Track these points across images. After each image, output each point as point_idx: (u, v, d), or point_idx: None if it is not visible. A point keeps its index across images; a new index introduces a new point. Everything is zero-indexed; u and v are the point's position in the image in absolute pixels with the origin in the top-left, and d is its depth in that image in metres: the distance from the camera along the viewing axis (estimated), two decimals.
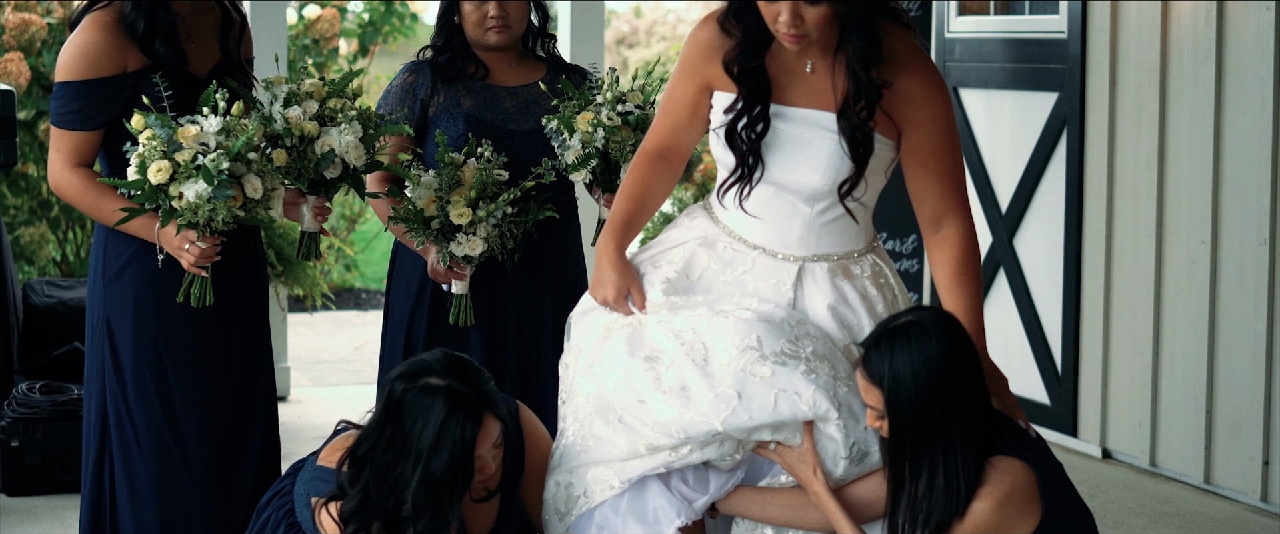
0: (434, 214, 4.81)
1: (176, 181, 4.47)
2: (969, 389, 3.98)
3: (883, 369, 3.98)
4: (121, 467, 4.72)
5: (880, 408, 4.00)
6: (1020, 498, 3.97)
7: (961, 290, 4.32)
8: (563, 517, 4.29)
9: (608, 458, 4.22)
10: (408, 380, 4.06)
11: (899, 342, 3.98)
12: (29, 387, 7.16)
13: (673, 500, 4.21)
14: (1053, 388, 7.99)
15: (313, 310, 9.54)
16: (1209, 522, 6.81)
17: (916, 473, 3.99)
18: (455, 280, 4.90)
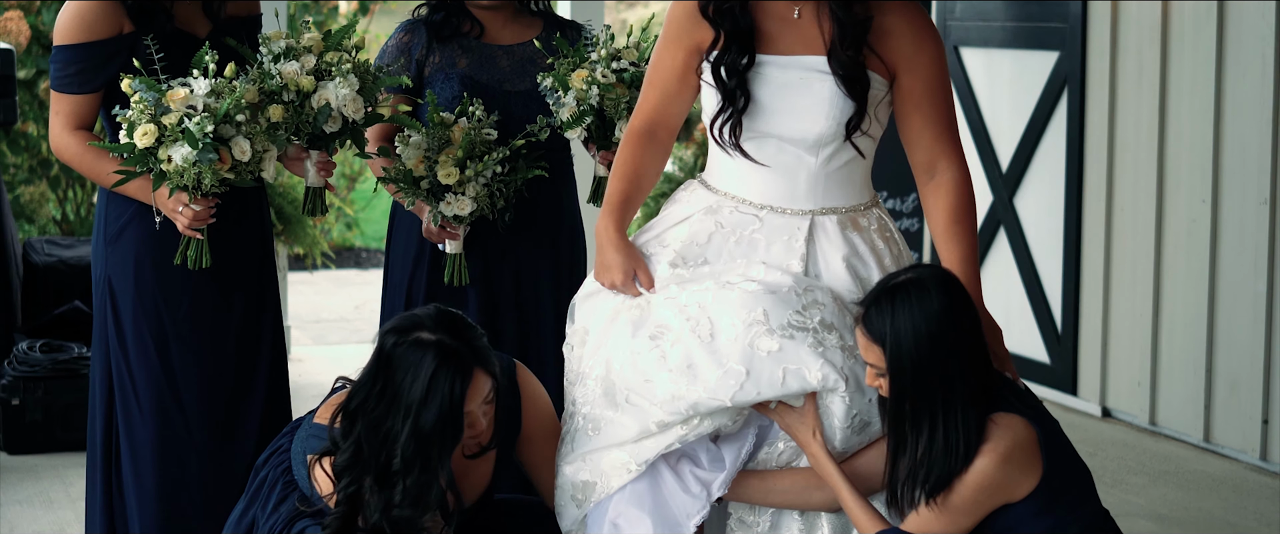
0: (423, 174, 4.80)
1: (164, 145, 4.47)
2: (969, 346, 3.98)
3: (883, 327, 3.98)
4: (123, 425, 4.73)
5: (881, 366, 4.00)
6: (1022, 454, 3.97)
7: (956, 238, 4.32)
8: (580, 504, 4.27)
9: (619, 441, 4.20)
10: (399, 334, 4.07)
11: (900, 299, 3.98)
12: (30, 345, 7.17)
13: (689, 498, 4.19)
14: (1052, 347, 8.00)
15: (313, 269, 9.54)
16: (1208, 480, 6.83)
17: (917, 431, 3.99)
18: (449, 240, 4.89)
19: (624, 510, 4.19)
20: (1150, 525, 6.28)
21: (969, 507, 3.97)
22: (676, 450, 4.20)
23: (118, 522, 4.77)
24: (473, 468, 4.29)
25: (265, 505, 4.24)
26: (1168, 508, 6.50)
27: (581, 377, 4.34)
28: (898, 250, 4.41)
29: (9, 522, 6.22)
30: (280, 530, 4.15)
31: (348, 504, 4.02)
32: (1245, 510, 6.45)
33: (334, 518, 4.03)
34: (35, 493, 6.54)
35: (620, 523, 4.19)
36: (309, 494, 4.17)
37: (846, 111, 4.23)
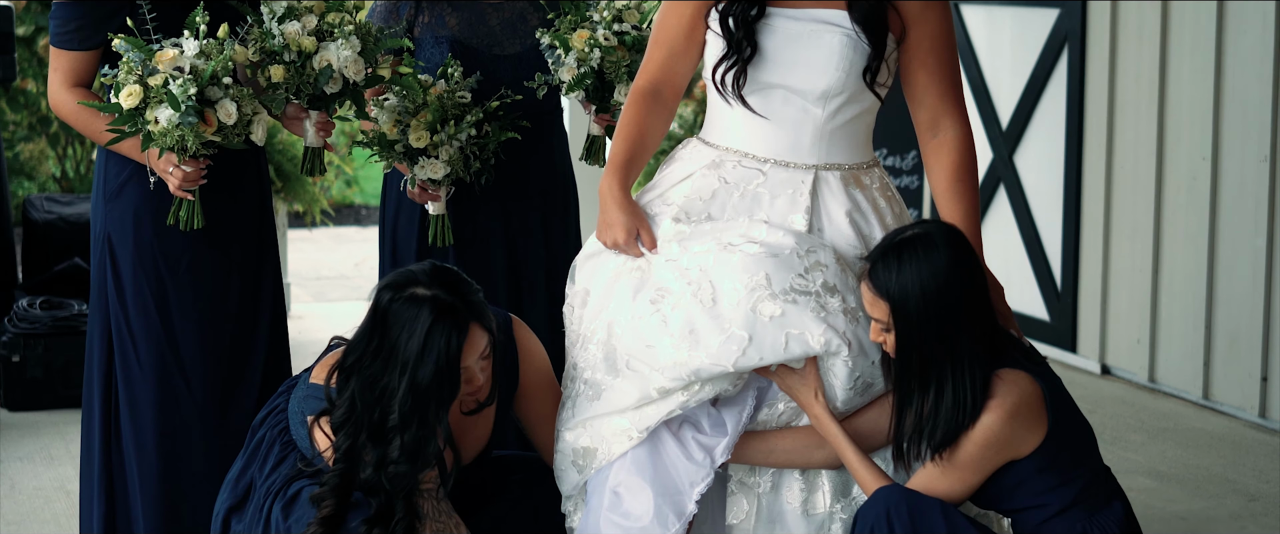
0: (396, 137, 4.78)
1: (150, 107, 4.46)
2: (976, 302, 3.99)
3: (890, 282, 3.98)
4: (122, 382, 4.73)
5: (886, 321, 4.00)
6: (1028, 410, 3.98)
7: (959, 196, 4.32)
8: (581, 469, 4.27)
9: (620, 407, 4.20)
10: (394, 290, 4.07)
11: (907, 255, 3.98)
12: (30, 302, 7.18)
13: (692, 466, 4.19)
14: (1052, 304, 8.00)
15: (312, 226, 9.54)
16: (1207, 437, 6.84)
17: (924, 387, 3.99)
18: (431, 201, 4.88)
19: (625, 480, 4.19)
20: (1149, 482, 6.29)
21: (975, 463, 3.98)
22: (678, 416, 4.20)
23: (116, 479, 4.77)
24: (471, 425, 4.30)
25: (263, 465, 4.24)
26: (1167, 465, 6.51)
27: (583, 340, 4.34)
28: (899, 209, 4.41)
29: (10, 478, 6.23)
30: (278, 490, 4.15)
31: (345, 462, 4.03)
32: (1244, 467, 6.46)
33: (331, 476, 4.04)
34: (36, 449, 6.56)
35: (621, 492, 4.19)
36: (308, 454, 4.17)
37: (857, 65, 4.23)
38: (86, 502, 4.83)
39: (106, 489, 4.77)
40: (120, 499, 4.77)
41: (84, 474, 4.84)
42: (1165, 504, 6.05)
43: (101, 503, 4.77)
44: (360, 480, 4.03)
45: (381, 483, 4.01)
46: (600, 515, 4.19)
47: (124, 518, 4.77)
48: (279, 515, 4.11)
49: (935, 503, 3.97)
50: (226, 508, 4.27)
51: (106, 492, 4.77)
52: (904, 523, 3.94)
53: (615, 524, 4.16)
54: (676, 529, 4.15)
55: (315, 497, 4.04)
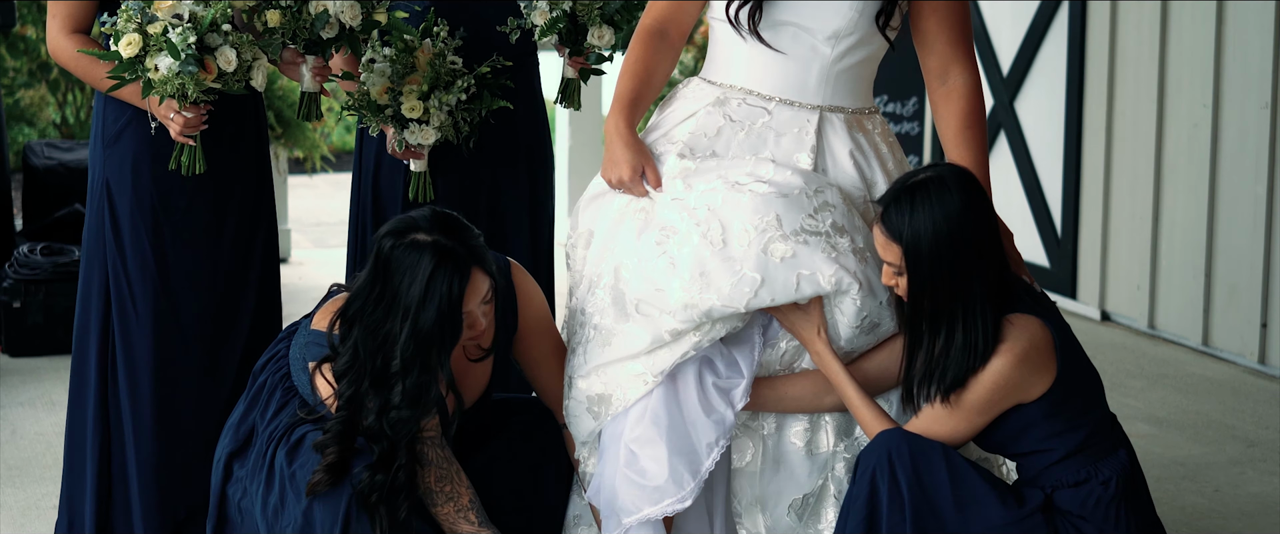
0: (386, 102, 4.75)
1: (149, 55, 4.46)
2: (988, 246, 3.98)
3: (902, 225, 3.97)
4: (118, 326, 4.73)
5: (899, 264, 3.99)
6: (1038, 355, 3.98)
7: (968, 144, 4.32)
8: (596, 416, 4.25)
9: (634, 352, 4.18)
10: (395, 237, 4.07)
11: (920, 197, 3.97)
12: (30, 248, 7.19)
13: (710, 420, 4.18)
14: (1052, 250, 8.01)
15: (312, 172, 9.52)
16: (1207, 383, 6.85)
17: (935, 330, 4.00)
18: (413, 159, 4.87)
19: (642, 435, 4.17)
20: (1148, 428, 6.30)
21: (982, 406, 3.98)
22: (694, 360, 4.19)
23: (113, 425, 4.77)
24: (471, 369, 4.30)
25: (264, 411, 4.25)
26: (1166, 411, 6.53)
27: (589, 283, 4.33)
28: (898, 156, 4.41)
29: (11, 423, 6.25)
30: (281, 436, 4.16)
31: (348, 409, 4.03)
32: (1243, 413, 6.47)
33: (335, 423, 4.04)
34: (37, 395, 6.57)
35: (637, 449, 4.17)
36: (309, 400, 4.18)
37: (871, 6, 4.22)
38: (77, 447, 4.82)
39: (101, 435, 4.77)
40: (116, 445, 4.76)
41: (75, 420, 4.83)
42: (1164, 450, 6.07)
43: (96, 448, 4.76)
44: (363, 427, 4.04)
45: (384, 429, 4.01)
46: (616, 472, 4.19)
47: (119, 463, 4.77)
48: (283, 460, 4.12)
49: (937, 446, 3.98)
50: (228, 453, 4.28)
51: (101, 437, 4.77)
52: (906, 465, 3.95)
53: (631, 482, 4.16)
54: (692, 488, 4.15)
55: (319, 444, 4.05)
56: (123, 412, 4.74)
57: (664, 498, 4.14)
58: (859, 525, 3.98)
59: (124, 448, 4.76)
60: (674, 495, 4.14)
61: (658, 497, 4.14)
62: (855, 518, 3.98)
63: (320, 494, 4.04)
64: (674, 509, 4.15)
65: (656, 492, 4.14)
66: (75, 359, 4.82)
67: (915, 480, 3.94)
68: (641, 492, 4.14)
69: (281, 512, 4.10)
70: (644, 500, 4.15)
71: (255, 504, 4.17)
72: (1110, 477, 4.01)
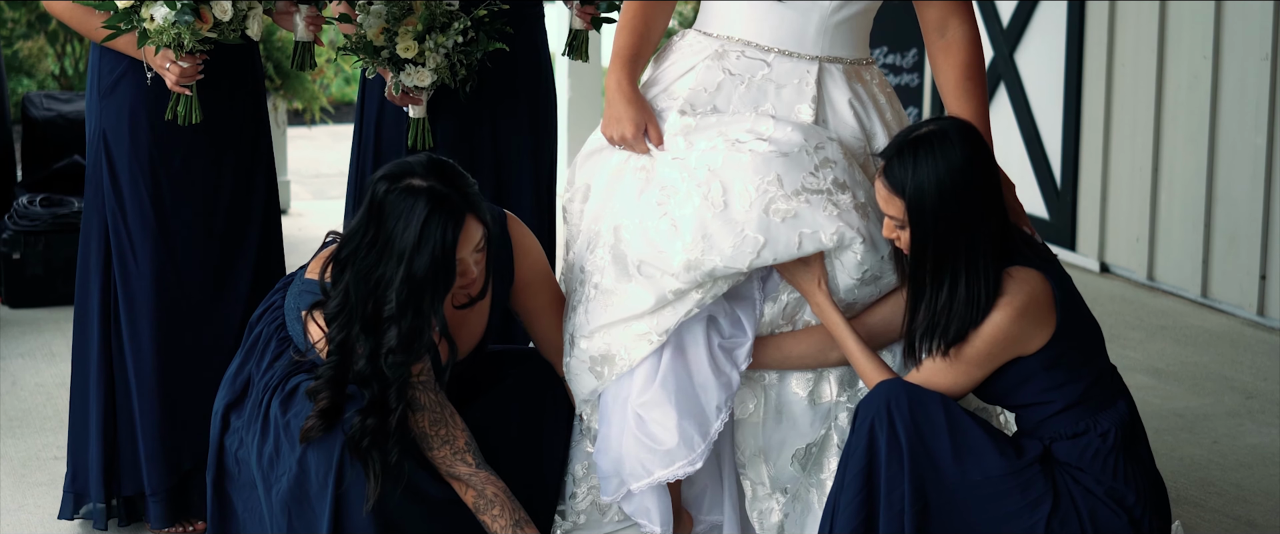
0: (383, 44, 4.74)
1: (145, 4, 4.45)
2: (990, 199, 3.98)
3: (905, 178, 3.96)
4: (119, 278, 4.73)
5: (901, 217, 3.99)
6: (1038, 308, 3.99)
7: (968, 96, 4.31)
8: (600, 376, 4.25)
9: (637, 312, 4.18)
10: (390, 181, 4.06)
11: (923, 151, 3.97)
12: (30, 199, 7.18)
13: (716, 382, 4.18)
14: (1052, 202, 8.00)
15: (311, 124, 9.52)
16: (1206, 335, 6.85)
17: (938, 283, 3.99)
18: (412, 105, 4.86)
19: (649, 400, 4.16)
20: (1147, 380, 6.31)
21: (981, 359, 3.99)
22: (700, 321, 4.19)
23: (116, 376, 4.78)
24: (466, 319, 4.30)
25: (260, 362, 4.25)
26: (1165, 363, 6.53)
27: (587, 240, 4.33)
28: (896, 107, 4.41)
29: (11, 374, 6.26)
30: (276, 385, 4.17)
31: (339, 353, 4.04)
32: (1242, 365, 6.48)
33: (326, 367, 4.05)
34: (37, 345, 6.58)
35: (645, 414, 4.17)
36: (304, 349, 4.18)
37: None
38: (81, 398, 4.84)
39: (105, 386, 4.78)
40: (121, 396, 4.78)
41: (78, 371, 4.84)
42: (1163, 401, 6.08)
43: (100, 400, 4.78)
44: (354, 372, 4.04)
45: (375, 374, 4.02)
46: (624, 437, 4.18)
47: (125, 414, 4.78)
48: (278, 410, 4.12)
49: (935, 396, 3.98)
50: (225, 404, 4.29)
51: (105, 388, 4.78)
52: (904, 416, 3.95)
53: (640, 445, 4.16)
54: (701, 450, 4.15)
55: (311, 390, 4.06)
56: (126, 363, 4.75)
57: (675, 461, 4.14)
58: (857, 476, 3.99)
59: (129, 399, 4.77)
60: (684, 458, 4.14)
61: (668, 460, 4.15)
62: (853, 468, 3.99)
63: (314, 441, 4.05)
64: (684, 472, 4.16)
65: (667, 455, 4.14)
66: (78, 310, 4.83)
67: (914, 431, 3.95)
68: (652, 455, 4.14)
69: (277, 460, 4.12)
70: (655, 463, 4.15)
71: (251, 454, 4.18)
72: (1109, 428, 4.02)
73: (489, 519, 4.17)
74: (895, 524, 3.95)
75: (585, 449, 4.43)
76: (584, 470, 4.44)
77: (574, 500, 4.47)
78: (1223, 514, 5.06)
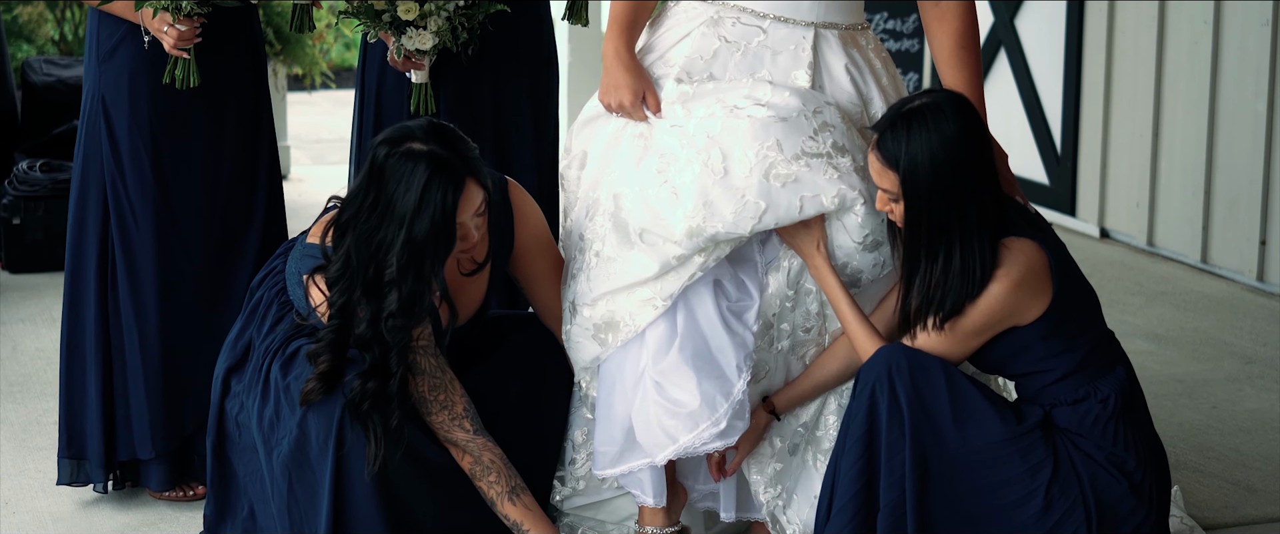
0: (384, 8, 4.73)
1: None
2: (983, 171, 3.98)
3: (899, 151, 3.96)
4: (119, 244, 4.73)
5: (895, 190, 3.99)
6: (1035, 278, 3.99)
7: (962, 64, 4.30)
8: (603, 343, 4.25)
9: (641, 278, 4.17)
10: (390, 145, 4.06)
11: (916, 124, 3.96)
12: (29, 165, 7.18)
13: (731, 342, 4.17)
14: (1052, 168, 8.00)
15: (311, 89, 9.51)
16: (1205, 300, 6.86)
17: (932, 256, 3.99)
18: (414, 70, 4.85)
19: (666, 367, 4.16)
20: (1147, 345, 6.32)
21: (978, 329, 3.99)
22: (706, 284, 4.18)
23: (113, 343, 4.78)
24: (466, 284, 4.31)
25: (261, 326, 4.26)
26: (1164, 328, 6.54)
27: (586, 207, 4.32)
28: (892, 71, 4.40)
29: (12, 339, 6.26)
30: (277, 349, 4.17)
31: (340, 317, 4.04)
32: (1241, 330, 6.48)
33: (327, 331, 4.05)
34: (37, 311, 6.58)
35: (663, 380, 4.16)
36: (305, 314, 4.19)
37: None
38: (77, 363, 4.82)
39: (102, 351, 4.78)
40: (117, 361, 4.78)
41: (74, 337, 4.82)
42: (1162, 367, 6.08)
43: (97, 365, 4.77)
44: (355, 336, 4.05)
45: (376, 337, 4.02)
46: (645, 407, 4.17)
47: (121, 379, 4.78)
48: (278, 373, 4.13)
49: (936, 362, 3.98)
50: (226, 369, 4.30)
51: (102, 354, 4.77)
52: (905, 381, 3.96)
53: (663, 409, 4.15)
54: (724, 411, 4.14)
55: (311, 353, 4.06)
56: (125, 327, 4.75)
57: (699, 423, 4.12)
58: (858, 441, 3.99)
59: (127, 364, 4.77)
60: (708, 419, 4.12)
61: (692, 423, 4.13)
62: (854, 433, 4.00)
63: (313, 404, 4.06)
64: (710, 437, 4.12)
65: (691, 417, 4.12)
66: (70, 276, 4.81)
67: (915, 396, 3.96)
68: (675, 419, 4.12)
69: (277, 424, 4.12)
70: (679, 428, 4.13)
71: (252, 418, 4.19)
72: (1109, 394, 4.02)
73: (485, 486, 4.18)
74: (896, 490, 3.96)
75: (584, 416, 4.43)
76: (583, 437, 4.44)
77: (573, 467, 4.47)
78: (1222, 479, 5.07)
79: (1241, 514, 4.83)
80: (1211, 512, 4.83)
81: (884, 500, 3.97)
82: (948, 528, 3.97)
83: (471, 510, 4.25)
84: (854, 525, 3.99)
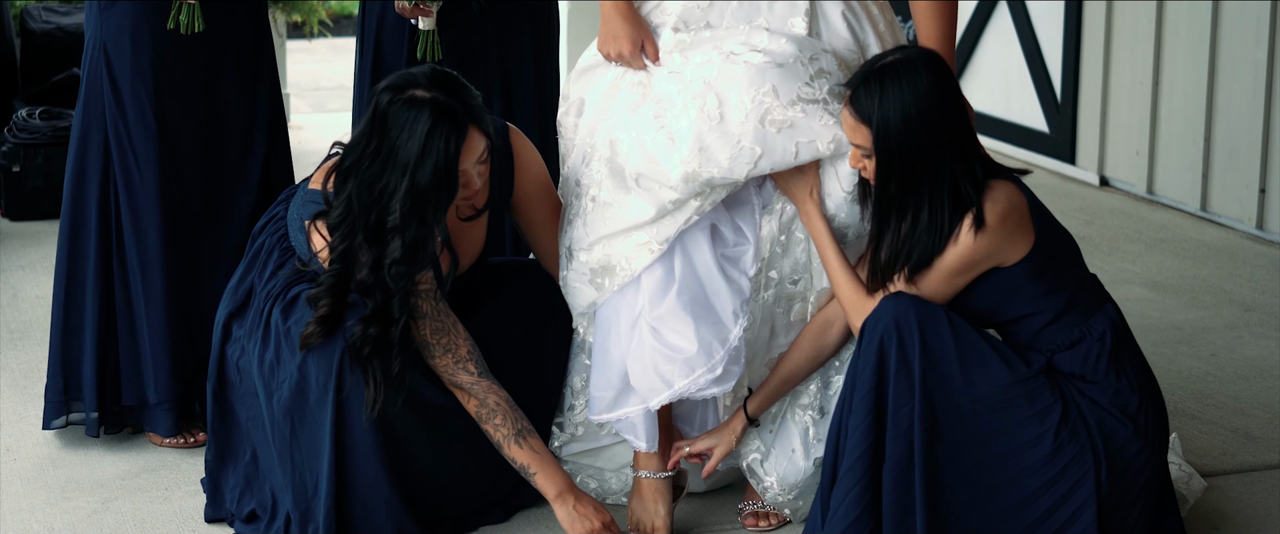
0: None
1: None
2: (956, 126, 3.99)
3: (872, 108, 3.97)
4: (123, 191, 4.73)
5: (867, 147, 3.99)
6: (1018, 215, 3.99)
7: (939, 16, 4.27)
8: (599, 288, 4.25)
9: (638, 222, 4.18)
10: (393, 92, 4.06)
11: (888, 80, 3.97)
12: (29, 112, 7.18)
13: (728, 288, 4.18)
14: (1052, 116, 7.99)
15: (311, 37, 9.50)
16: (1204, 248, 6.86)
17: (902, 211, 4.00)
18: (422, 16, 4.84)
19: (663, 313, 4.16)
20: (1146, 292, 6.32)
21: (962, 267, 3.98)
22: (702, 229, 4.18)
23: (118, 288, 4.78)
24: (467, 230, 4.31)
25: (263, 272, 4.27)
26: (1164, 275, 6.54)
27: (582, 153, 4.32)
28: (889, 16, 4.39)
29: (12, 286, 6.27)
30: (278, 294, 4.18)
31: (341, 262, 4.05)
32: (1240, 278, 6.49)
33: (328, 276, 4.06)
34: (38, 258, 6.59)
35: (660, 327, 4.18)
36: (306, 260, 4.19)
37: None
38: (74, 308, 4.82)
39: (102, 296, 4.78)
40: (121, 307, 4.78)
41: (73, 281, 4.82)
42: (1161, 314, 6.09)
43: (96, 310, 4.78)
44: (356, 281, 4.05)
45: (378, 283, 4.03)
46: (641, 353, 4.18)
47: (126, 324, 4.78)
48: (279, 318, 4.14)
49: (941, 310, 3.99)
50: (227, 314, 4.31)
51: (102, 299, 4.78)
52: (913, 333, 3.95)
53: (659, 354, 4.16)
54: (721, 357, 4.15)
55: (312, 297, 4.07)
56: (131, 271, 4.75)
57: (695, 369, 4.14)
58: (867, 396, 3.97)
59: (130, 310, 4.78)
60: (704, 365, 4.14)
61: (688, 369, 4.15)
62: (862, 388, 3.98)
63: (314, 349, 4.07)
64: (706, 383, 4.15)
65: (687, 363, 4.14)
66: (70, 222, 4.80)
67: (923, 347, 3.95)
68: (671, 364, 4.14)
69: (277, 368, 4.13)
70: (675, 374, 4.15)
71: (252, 362, 4.20)
72: (1103, 330, 4.04)
73: (491, 428, 4.19)
74: (901, 442, 3.96)
75: (582, 362, 4.44)
76: (581, 383, 4.45)
77: (572, 413, 4.49)
78: (1220, 426, 5.08)
79: (1240, 461, 4.84)
80: (1210, 459, 4.84)
81: (889, 452, 3.97)
82: (955, 478, 3.98)
83: (475, 454, 4.27)
84: (863, 484, 3.99)
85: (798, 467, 4.35)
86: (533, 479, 4.22)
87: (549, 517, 4.39)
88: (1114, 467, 3.97)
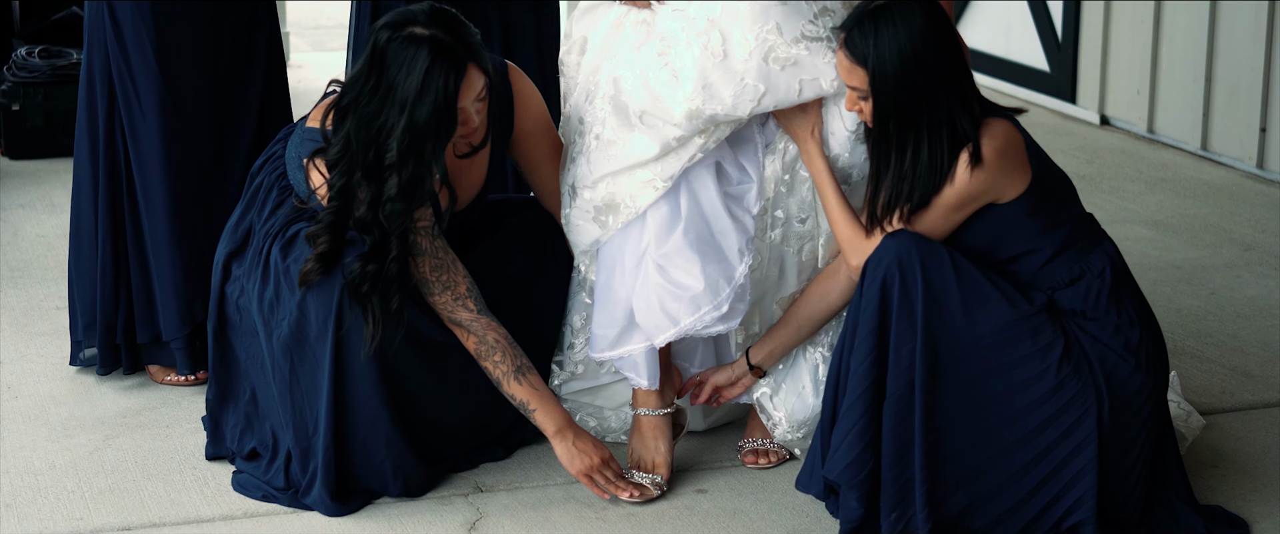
0: None
1: None
2: (951, 65, 3.98)
3: (867, 49, 3.96)
4: (129, 131, 4.74)
5: (863, 88, 3.99)
6: (1015, 151, 3.99)
7: None
8: (603, 225, 4.25)
9: (642, 159, 4.18)
10: (392, 29, 4.05)
11: (883, 20, 3.96)
12: (28, 51, 7.17)
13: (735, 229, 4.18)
14: (1052, 54, 7.98)
15: None
16: (1205, 188, 6.86)
17: (900, 152, 4.00)
18: None
19: (669, 251, 4.16)
20: (1146, 231, 6.32)
21: (961, 202, 3.98)
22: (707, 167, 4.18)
23: (124, 227, 4.79)
24: (466, 168, 4.31)
25: (262, 211, 4.27)
26: (1164, 214, 6.55)
27: (585, 92, 4.31)
28: None
29: (12, 225, 6.27)
30: (277, 232, 4.18)
31: (339, 199, 4.05)
32: (1240, 217, 6.49)
33: (326, 213, 4.06)
34: (38, 196, 6.59)
35: (666, 265, 4.18)
36: (305, 198, 4.19)
37: None
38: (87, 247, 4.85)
39: (111, 234, 4.79)
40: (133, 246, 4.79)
41: (84, 221, 4.84)
42: (1161, 253, 6.09)
43: (105, 248, 4.79)
44: (355, 218, 4.05)
45: (376, 220, 4.03)
46: (646, 290, 4.19)
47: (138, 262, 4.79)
48: (278, 256, 4.14)
49: (942, 248, 3.98)
50: (226, 254, 4.31)
51: (111, 237, 4.79)
52: (915, 272, 3.95)
53: (666, 291, 4.16)
54: (727, 295, 4.16)
55: (310, 234, 4.07)
56: (141, 211, 4.76)
57: (701, 306, 4.15)
58: (869, 335, 3.97)
59: (139, 248, 4.79)
60: (710, 303, 4.15)
61: (694, 306, 4.16)
62: (865, 327, 3.98)
63: (313, 286, 4.07)
64: (711, 320, 4.16)
65: (693, 301, 4.15)
66: (84, 161, 4.82)
67: (925, 285, 3.95)
68: (677, 301, 4.15)
69: (277, 305, 4.14)
70: (681, 311, 4.16)
71: (252, 301, 4.20)
72: (1103, 266, 4.04)
73: (490, 365, 4.20)
74: (902, 380, 3.96)
75: (583, 300, 4.45)
76: (581, 322, 4.46)
77: (572, 351, 4.49)
78: (1219, 365, 5.09)
79: (1238, 399, 4.85)
80: (1209, 397, 4.85)
81: (890, 390, 3.97)
82: (955, 416, 3.98)
83: (474, 391, 4.28)
84: (864, 422, 4.00)
85: (806, 404, 4.36)
86: (532, 416, 4.22)
87: (548, 454, 4.40)
88: (1115, 403, 3.98)
